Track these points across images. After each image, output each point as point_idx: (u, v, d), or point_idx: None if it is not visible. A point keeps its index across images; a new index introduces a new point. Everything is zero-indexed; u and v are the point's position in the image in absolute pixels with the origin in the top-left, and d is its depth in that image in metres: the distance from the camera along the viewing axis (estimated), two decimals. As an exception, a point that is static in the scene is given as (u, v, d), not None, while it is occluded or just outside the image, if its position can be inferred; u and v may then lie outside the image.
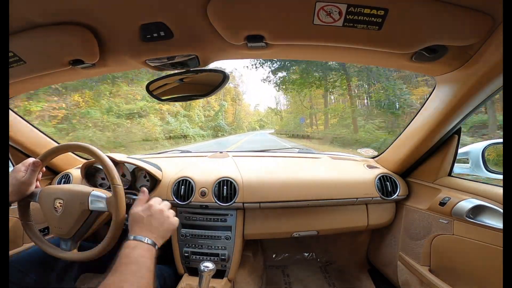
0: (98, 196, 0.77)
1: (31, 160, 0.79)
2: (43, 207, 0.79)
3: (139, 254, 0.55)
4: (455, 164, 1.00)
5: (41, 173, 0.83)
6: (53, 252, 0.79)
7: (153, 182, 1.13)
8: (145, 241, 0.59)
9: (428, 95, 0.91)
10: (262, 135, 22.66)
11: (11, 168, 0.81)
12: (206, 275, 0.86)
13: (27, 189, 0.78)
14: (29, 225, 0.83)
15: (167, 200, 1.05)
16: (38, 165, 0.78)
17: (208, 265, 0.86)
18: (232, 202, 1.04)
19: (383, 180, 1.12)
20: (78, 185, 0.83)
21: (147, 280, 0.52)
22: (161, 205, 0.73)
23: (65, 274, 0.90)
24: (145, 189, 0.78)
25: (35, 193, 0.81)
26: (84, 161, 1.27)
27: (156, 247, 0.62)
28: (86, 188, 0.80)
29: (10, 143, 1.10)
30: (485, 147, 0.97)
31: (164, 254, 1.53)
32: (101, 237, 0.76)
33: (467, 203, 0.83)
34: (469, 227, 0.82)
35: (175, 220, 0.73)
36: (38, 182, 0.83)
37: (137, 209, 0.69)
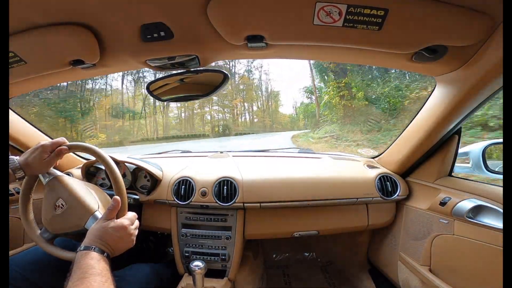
0: (98, 219, 0.74)
1: (61, 141, 0.76)
2: (46, 196, 0.78)
3: (104, 267, 0.57)
4: (455, 164, 1.00)
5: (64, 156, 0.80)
6: (33, 235, 0.78)
7: (154, 182, 1.13)
8: (105, 255, 0.60)
9: (428, 95, 0.91)
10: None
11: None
12: (198, 274, 0.86)
13: (43, 170, 0.77)
14: (27, 198, 0.81)
15: (168, 200, 1.07)
16: (65, 152, 0.76)
17: (198, 264, 0.85)
18: (232, 202, 1.04)
19: (383, 180, 1.12)
20: (87, 195, 0.79)
21: None
22: (133, 226, 0.71)
23: (60, 273, 0.89)
24: (117, 198, 0.70)
25: (49, 174, 0.78)
26: (85, 161, 1.27)
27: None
28: (92, 203, 0.77)
29: (10, 142, 1.10)
30: (485, 147, 0.97)
31: (162, 254, 1.54)
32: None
33: (467, 203, 0.83)
34: (469, 227, 0.82)
35: (133, 242, 0.70)
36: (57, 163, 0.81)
37: (108, 224, 0.66)
